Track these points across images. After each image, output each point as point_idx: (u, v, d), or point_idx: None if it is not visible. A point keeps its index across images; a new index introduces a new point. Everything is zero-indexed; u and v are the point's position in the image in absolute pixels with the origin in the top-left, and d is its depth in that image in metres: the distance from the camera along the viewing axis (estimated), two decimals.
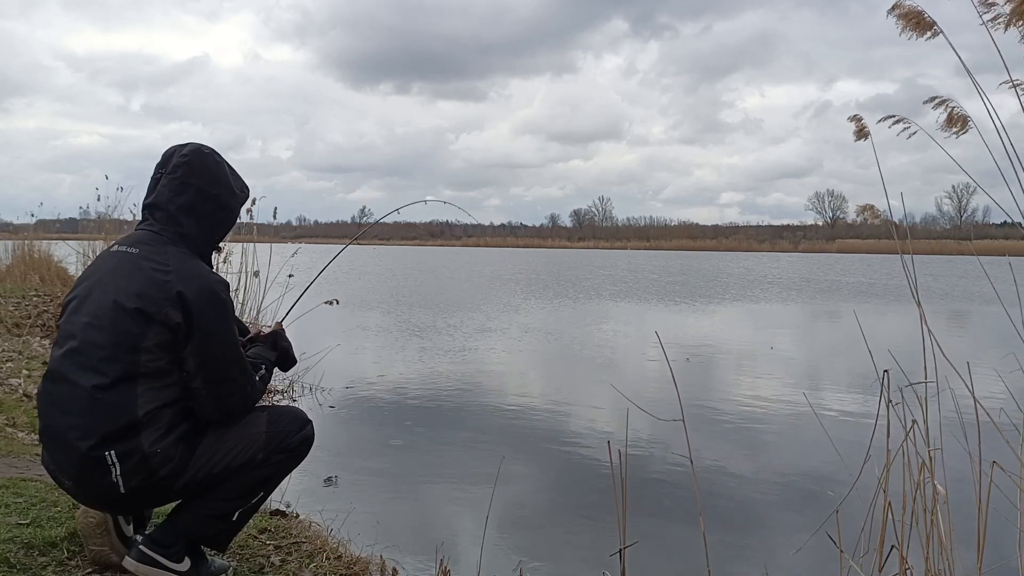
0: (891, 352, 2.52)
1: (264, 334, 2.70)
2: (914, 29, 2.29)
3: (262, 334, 2.71)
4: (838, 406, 7.30)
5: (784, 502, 4.78)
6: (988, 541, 2.19)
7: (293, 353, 2.73)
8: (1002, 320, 2.45)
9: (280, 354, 2.68)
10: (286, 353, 2.70)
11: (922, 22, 2.28)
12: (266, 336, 2.69)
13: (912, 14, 2.29)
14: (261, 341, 2.67)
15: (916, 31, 2.29)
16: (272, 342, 2.67)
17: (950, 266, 40.14)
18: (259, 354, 2.59)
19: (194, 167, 2.38)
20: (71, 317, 2.27)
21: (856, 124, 2.37)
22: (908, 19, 2.30)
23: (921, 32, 2.30)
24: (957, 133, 2.28)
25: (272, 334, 2.71)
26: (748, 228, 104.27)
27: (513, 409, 7.06)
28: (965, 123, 2.26)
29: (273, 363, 2.64)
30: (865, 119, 2.39)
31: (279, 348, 2.68)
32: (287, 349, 2.70)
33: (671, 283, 27.89)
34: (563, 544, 4.09)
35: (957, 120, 2.27)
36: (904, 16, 2.30)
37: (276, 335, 2.71)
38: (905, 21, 2.31)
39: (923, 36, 2.30)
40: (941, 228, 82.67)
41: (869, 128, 2.37)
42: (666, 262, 50.26)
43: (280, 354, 2.68)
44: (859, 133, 2.36)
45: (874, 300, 20.11)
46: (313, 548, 3.05)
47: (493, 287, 24.53)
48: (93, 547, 2.48)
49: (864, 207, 2.41)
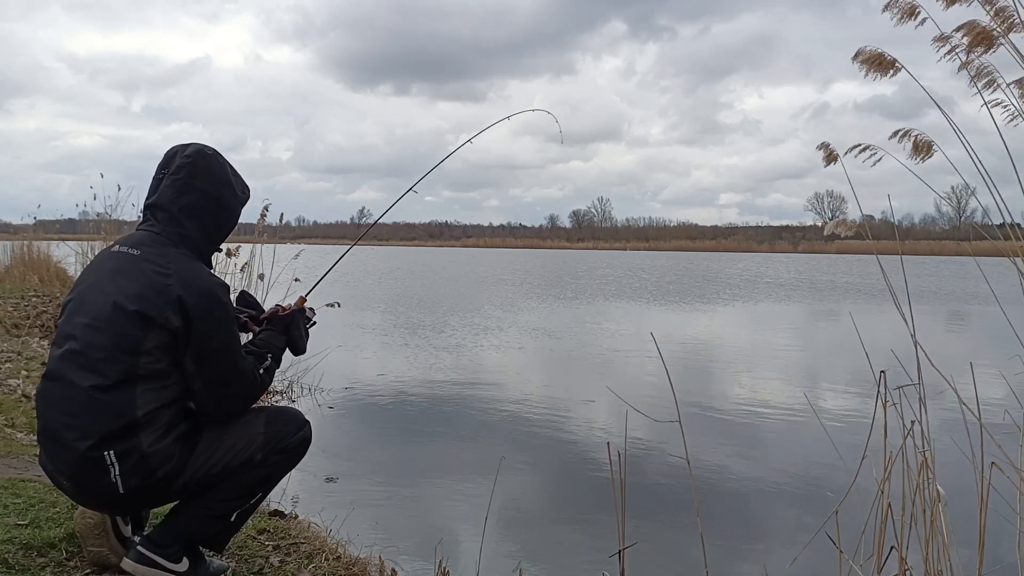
0: (891, 352, 2.52)
1: (281, 315, 2.61)
2: (876, 70, 2.34)
3: (280, 313, 2.61)
4: (837, 406, 7.30)
5: (783, 503, 4.78)
6: (987, 542, 2.19)
7: (303, 343, 2.64)
8: (1000, 320, 2.45)
9: (290, 341, 2.60)
10: (295, 342, 2.62)
11: (883, 62, 2.33)
12: (281, 318, 2.60)
13: (873, 57, 2.34)
14: (274, 324, 2.59)
15: (879, 71, 2.34)
16: (284, 327, 2.59)
17: (949, 267, 40.16)
18: (267, 340, 2.53)
19: (197, 168, 2.37)
20: (71, 317, 2.26)
21: (825, 150, 2.40)
22: (871, 63, 2.34)
23: (884, 71, 2.34)
24: (923, 158, 2.32)
25: (289, 316, 2.61)
26: (747, 229, 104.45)
27: (512, 410, 7.06)
28: (930, 148, 2.31)
29: (282, 350, 2.57)
30: (833, 145, 2.41)
31: (289, 335, 2.60)
32: (296, 339, 2.61)
33: (671, 283, 27.90)
34: (562, 545, 4.09)
35: (923, 147, 2.31)
36: (866, 61, 2.35)
37: (291, 320, 2.61)
38: (868, 66, 2.35)
39: (886, 75, 2.35)
40: (940, 229, 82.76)
41: (837, 152, 2.39)
42: (666, 263, 50.27)
43: (290, 341, 2.60)
44: (828, 158, 2.39)
45: (874, 300, 20.13)
46: (312, 549, 3.05)
47: (493, 287, 24.53)
48: (91, 548, 2.48)
49: (838, 223, 2.44)
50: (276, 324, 2.60)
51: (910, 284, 2.32)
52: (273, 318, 2.62)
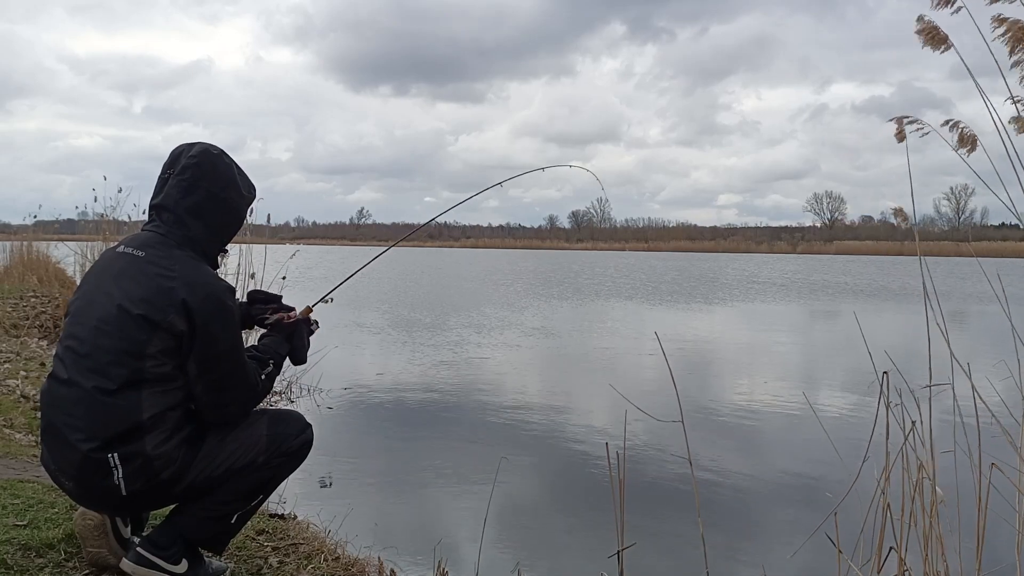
0: (891, 352, 2.52)
1: (286, 323, 2.61)
2: (930, 43, 2.36)
3: (285, 321, 2.62)
4: (837, 407, 7.30)
5: (783, 503, 4.78)
6: (986, 542, 2.19)
7: (304, 353, 2.65)
8: (999, 320, 2.45)
9: (292, 350, 2.62)
10: (297, 352, 2.63)
11: (937, 36, 2.35)
12: (285, 326, 2.61)
13: (930, 28, 2.35)
14: (277, 331, 2.60)
15: (932, 44, 2.36)
16: (287, 336, 2.60)
17: (949, 267, 40.17)
18: (270, 347, 2.54)
19: (203, 169, 2.35)
20: (76, 319, 2.26)
21: (897, 124, 2.41)
22: (926, 34, 2.36)
23: (936, 46, 2.36)
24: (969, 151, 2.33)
25: (293, 324, 2.62)
26: (746, 230, 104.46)
27: (511, 410, 7.05)
28: (975, 142, 2.31)
29: (284, 357, 2.58)
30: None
31: (292, 344, 2.61)
32: (298, 348, 2.63)
33: (670, 284, 27.90)
34: (561, 545, 4.09)
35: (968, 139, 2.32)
36: (922, 32, 2.37)
37: (295, 328, 2.62)
38: (924, 36, 2.37)
39: (938, 49, 2.36)
40: (939, 230, 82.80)
41: (905, 131, 2.40)
42: (665, 263, 50.27)
43: (292, 350, 2.62)
44: (899, 136, 2.39)
45: (873, 301, 20.13)
46: (311, 550, 3.05)
47: (492, 288, 24.52)
48: (91, 549, 2.47)
49: (896, 210, 2.42)
50: (280, 331, 2.61)
51: (910, 284, 2.32)
52: (277, 325, 2.62)
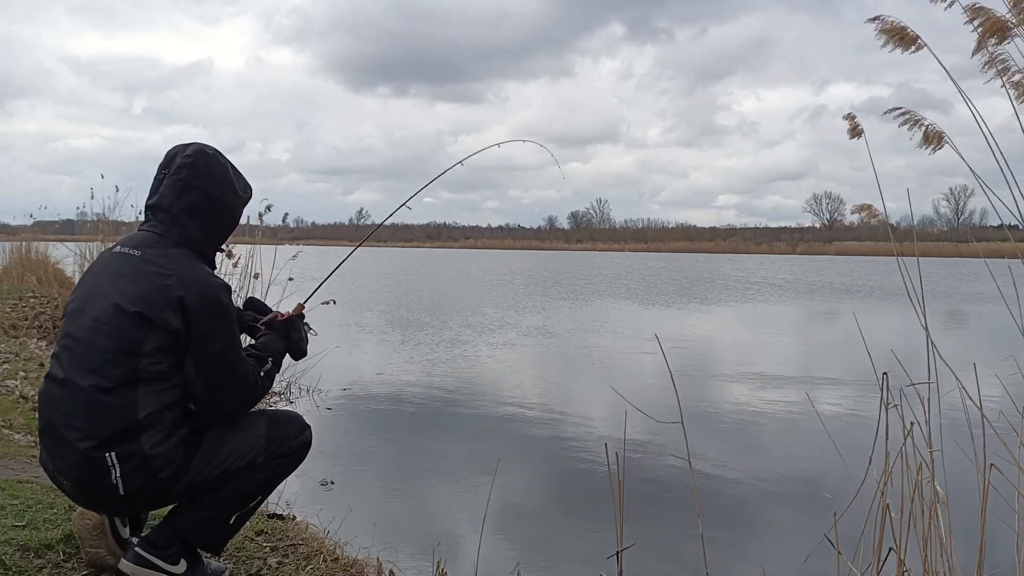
0: (891, 353, 2.52)
1: (280, 320, 2.62)
2: (898, 43, 2.32)
3: (279, 319, 2.62)
4: (838, 407, 7.30)
5: (783, 503, 4.78)
6: (986, 543, 2.19)
7: (304, 346, 2.65)
8: (999, 320, 2.45)
9: (290, 345, 2.61)
10: (296, 345, 2.63)
11: (906, 37, 2.31)
12: (280, 323, 2.61)
13: (895, 29, 2.32)
14: (274, 329, 2.60)
15: (901, 45, 2.32)
16: (284, 331, 2.60)
17: (948, 268, 40.19)
18: (267, 345, 2.53)
19: (198, 168, 2.36)
20: (73, 319, 2.26)
21: (849, 122, 2.38)
22: (891, 34, 2.32)
23: (906, 46, 2.32)
24: (933, 148, 2.30)
25: (287, 321, 2.62)
26: (745, 230, 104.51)
27: (510, 410, 7.05)
28: (940, 139, 2.29)
29: (283, 354, 2.58)
30: (860, 119, 2.40)
31: (290, 339, 2.60)
32: (297, 341, 2.62)
33: (669, 284, 27.91)
34: (560, 546, 4.09)
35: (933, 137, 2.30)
36: (887, 31, 2.33)
37: (290, 324, 2.62)
38: (888, 36, 2.33)
39: (908, 50, 2.32)
40: (938, 230, 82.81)
41: (863, 127, 2.38)
42: (664, 264, 50.28)
43: (290, 345, 2.61)
44: (852, 131, 2.37)
45: (871, 301, 20.14)
46: (310, 550, 3.04)
47: (491, 288, 24.52)
48: (89, 549, 2.47)
49: (862, 207, 2.41)
50: (276, 329, 2.61)
51: (910, 285, 2.31)
52: (272, 323, 2.62)
